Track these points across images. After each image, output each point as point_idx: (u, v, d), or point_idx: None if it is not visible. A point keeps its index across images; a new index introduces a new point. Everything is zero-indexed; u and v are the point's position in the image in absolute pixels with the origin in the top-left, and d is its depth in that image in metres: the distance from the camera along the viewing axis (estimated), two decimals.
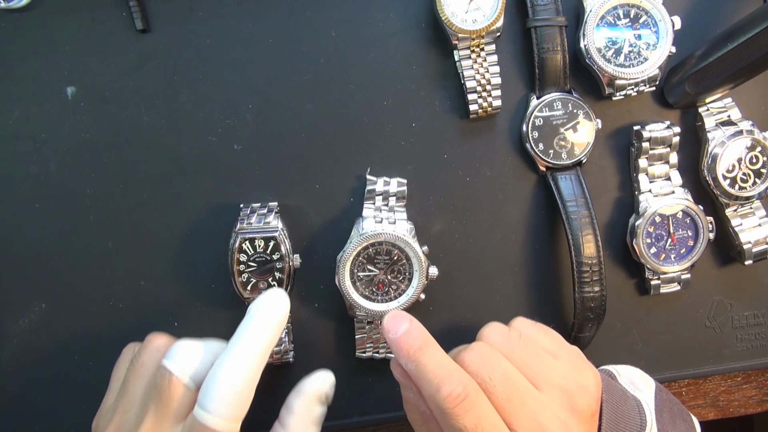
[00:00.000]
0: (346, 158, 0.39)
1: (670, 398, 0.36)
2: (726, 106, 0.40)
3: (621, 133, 0.41)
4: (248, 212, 0.37)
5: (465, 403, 0.28)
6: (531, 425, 0.29)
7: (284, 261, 0.37)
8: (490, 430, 0.28)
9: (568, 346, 0.33)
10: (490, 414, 0.28)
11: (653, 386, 0.36)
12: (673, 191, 0.40)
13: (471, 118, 0.39)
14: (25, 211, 0.39)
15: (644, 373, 0.37)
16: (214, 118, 0.39)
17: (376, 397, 0.41)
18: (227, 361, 0.30)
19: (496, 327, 0.33)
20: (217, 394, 0.29)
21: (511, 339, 0.32)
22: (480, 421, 0.28)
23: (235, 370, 0.30)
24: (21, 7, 0.37)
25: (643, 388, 0.36)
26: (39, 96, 0.38)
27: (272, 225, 0.36)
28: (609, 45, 0.38)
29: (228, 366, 0.30)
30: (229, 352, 0.30)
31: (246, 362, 0.30)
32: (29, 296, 0.39)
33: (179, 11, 0.38)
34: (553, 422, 0.29)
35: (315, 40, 0.39)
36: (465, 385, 0.28)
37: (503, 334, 0.32)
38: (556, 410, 0.30)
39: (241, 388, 0.30)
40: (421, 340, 0.30)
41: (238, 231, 0.36)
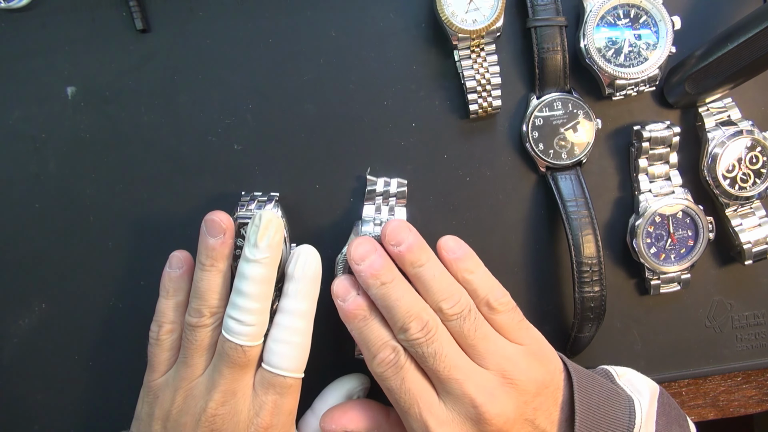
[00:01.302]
0: (346, 158, 0.39)
1: (671, 403, 0.36)
2: (726, 106, 0.40)
3: (621, 133, 0.41)
4: (248, 199, 0.37)
5: (391, 368, 0.33)
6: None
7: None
8: (414, 392, 0.33)
9: (534, 335, 0.35)
10: (414, 378, 0.33)
11: (656, 391, 0.36)
12: (673, 191, 0.40)
13: (471, 118, 0.39)
14: (25, 211, 0.39)
15: (648, 378, 0.37)
16: (214, 118, 0.39)
17: (376, 397, 0.41)
18: (286, 321, 0.34)
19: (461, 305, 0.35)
20: (282, 353, 0.34)
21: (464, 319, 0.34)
22: (404, 384, 0.33)
23: (295, 331, 0.34)
24: (21, 7, 0.37)
25: (644, 391, 0.36)
26: (39, 96, 0.38)
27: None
28: (609, 45, 0.38)
29: (288, 327, 0.34)
30: (287, 316, 0.34)
31: (302, 322, 0.34)
32: (29, 296, 0.39)
33: (179, 11, 0.38)
34: (481, 393, 0.32)
35: (315, 40, 0.39)
36: (396, 351, 0.33)
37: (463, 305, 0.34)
38: (486, 383, 0.32)
39: (301, 343, 0.34)
40: (366, 309, 0.34)
41: (237, 216, 0.36)
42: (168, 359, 0.35)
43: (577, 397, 0.33)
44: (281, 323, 0.34)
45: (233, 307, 0.33)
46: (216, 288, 0.34)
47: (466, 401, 0.32)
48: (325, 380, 0.40)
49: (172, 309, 0.35)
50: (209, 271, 0.34)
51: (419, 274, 0.33)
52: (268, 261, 0.33)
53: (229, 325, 0.33)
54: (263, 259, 0.33)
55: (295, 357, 0.34)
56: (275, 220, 0.33)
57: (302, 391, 0.36)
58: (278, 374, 0.34)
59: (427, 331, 0.32)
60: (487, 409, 0.31)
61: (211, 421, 0.33)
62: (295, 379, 0.34)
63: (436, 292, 0.33)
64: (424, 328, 0.32)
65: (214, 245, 0.34)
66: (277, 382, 0.34)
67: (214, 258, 0.34)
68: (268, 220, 0.33)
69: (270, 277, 0.34)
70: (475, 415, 0.32)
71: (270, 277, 0.34)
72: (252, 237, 0.33)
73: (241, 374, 0.34)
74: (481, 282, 0.35)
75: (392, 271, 0.33)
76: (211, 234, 0.34)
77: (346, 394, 0.38)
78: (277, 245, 0.34)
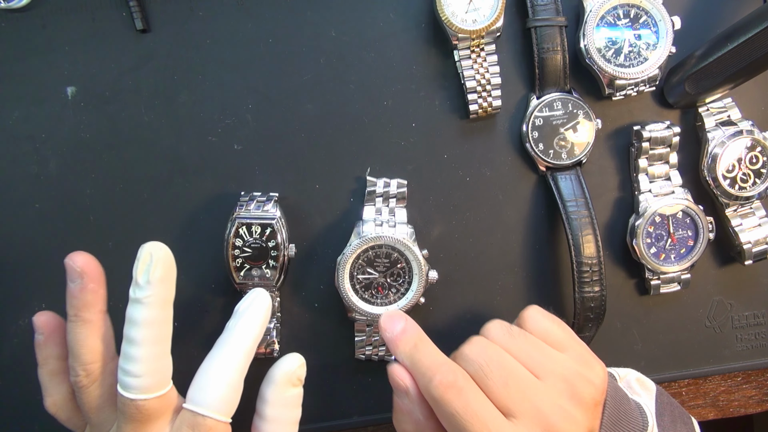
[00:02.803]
0: (346, 158, 0.39)
1: (671, 401, 0.36)
2: (726, 106, 0.40)
3: (621, 133, 0.41)
4: (247, 199, 0.37)
5: (454, 389, 0.29)
6: (529, 410, 0.29)
7: (279, 249, 0.36)
8: (481, 414, 0.28)
9: (576, 340, 0.33)
10: (479, 399, 0.29)
11: (653, 390, 0.36)
12: (673, 191, 0.40)
13: (471, 118, 0.39)
14: (25, 211, 0.39)
15: (643, 377, 0.37)
16: (214, 118, 0.39)
17: (376, 397, 0.41)
18: (220, 356, 0.31)
19: (497, 323, 0.33)
20: (210, 389, 0.30)
21: (511, 332, 0.32)
22: (469, 404, 0.29)
23: (228, 366, 0.30)
24: (21, 7, 0.37)
25: (642, 392, 0.36)
26: (39, 96, 0.38)
27: (270, 213, 0.36)
28: (609, 45, 0.38)
29: (220, 361, 0.30)
30: (220, 349, 0.31)
31: (237, 358, 0.31)
32: (29, 296, 0.39)
33: (179, 11, 0.38)
34: (553, 408, 0.29)
35: (315, 40, 0.39)
36: (455, 372, 0.30)
37: (503, 328, 0.32)
38: (555, 397, 0.30)
39: (233, 382, 0.30)
40: (416, 338, 0.32)
41: (236, 216, 0.36)
42: (77, 424, 0.33)
43: (608, 394, 0.32)
44: (214, 355, 0.31)
45: (123, 357, 0.29)
46: (85, 342, 0.30)
47: (539, 419, 0.29)
48: (326, 382, 0.40)
49: (47, 379, 0.32)
50: (74, 322, 0.30)
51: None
52: (153, 300, 0.29)
53: (120, 379, 0.29)
54: (146, 298, 0.29)
55: (223, 396, 0.30)
56: (158, 252, 0.29)
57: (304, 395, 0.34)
58: (199, 413, 0.29)
59: (453, 387, 0.29)
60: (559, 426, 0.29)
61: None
62: (220, 423, 0.30)
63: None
64: (452, 385, 0.30)
65: (73, 292, 0.30)
66: (198, 423, 0.29)
67: (76, 308, 0.30)
68: (147, 253, 0.29)
69: (160, 318, 0.29)
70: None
71: (160, 318, 0.29)
72: (134, 273, 0.29)
73: (148, 427, 0.30)
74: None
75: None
76: (70, 279, 0.30)
77: (285, 382, 0.33)
78: (161, 280, 0.29)
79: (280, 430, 0.33)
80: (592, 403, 0.30)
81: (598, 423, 0.31)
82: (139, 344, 0.29)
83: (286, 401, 0.33)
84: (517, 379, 0.30)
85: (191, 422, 0.29)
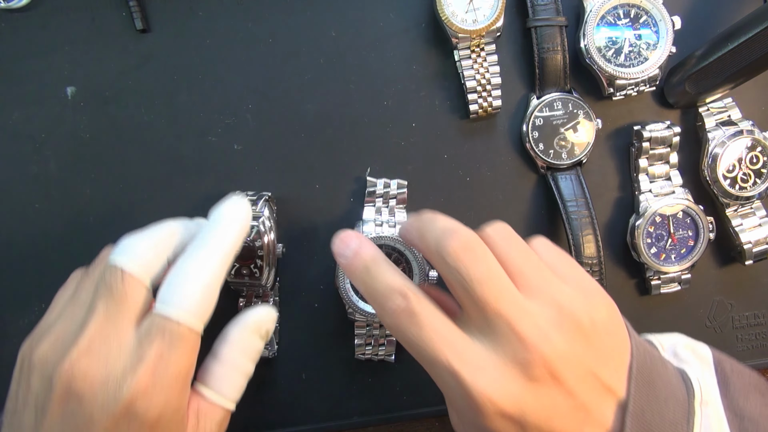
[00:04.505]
0: (346, 158, 0.39)
1: (741, 369, 0.29)
2: (726, 106, 0.40)
3: (621, 133, 0.41)
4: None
5: (405, 314, 0.26)
6: (502, 327, 0.25)
7: (265, 249, 0.36)
8: (440, 335, 0.26)
9: (586, 276, 0.28)
10: (435, 321, 0.26)
11: (709, 357, 0.30)
12: (673, 191, 0.40)
13: (471, 118, 0.39)
14: (25, 211, 0.39)
15: (695, 342, 0.30)
16: (214, 118, 0.39)
17: (376, 397, 0.41)
18: (194, 255, 0.28)
19: (500, 225, 0.29)
20: (183, 288, 0.27)
21: (511, 241, 0.28)
22: (423, 329, 0.26)
23: (203, 266, 0.27)
24: (21, 7, 0.37)
25: (692, 360, 0.29)
26: (39, 96, 0.38)
27: (256, 212, 0.36)
28: (609, 45, 0.38)
29: (195, 260, 0.28)
30: (195, 248, 0.28)
31: (213, 259, 0.28)
32: (29, 296, 0.39)
33: (179, 11, 0.38)
34: (532, 331, 0.25)
35: (315, 40, 0.39)
36: (406, 296, 0.26)
37: (505, 232, 0.28)
38: (539, 320, 0.26)
39: (208, 284, 0.27)
40: (367, 260, 0.28)
41: None
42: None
43: (635, 352, 0.27)
44: (190, 255, 0.28)
45: (136, 234, 0.29)
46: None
47: (513, 340, 0.25)
48: (325, 381, 0.40)
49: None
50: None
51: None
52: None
53: (118, 246, 0.28)
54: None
55: (195, 298, 0.27)
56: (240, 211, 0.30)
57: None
58: (169, 317, 0.26)
59: (471, 249, 0.26)
60: (539, 345, 0.25)
61: (68, 374, 0.25)
62: (191, 331, 0.27)
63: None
64: (470, 247, 0.26)
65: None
66: (167, 327, 0.26)
67: None
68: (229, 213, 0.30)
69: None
70: (524, 358, 0.25)
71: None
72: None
73: (118, 314, 0.26)
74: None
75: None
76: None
77: (252, 327, 0.31)
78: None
79: (231, 375, 0.29)
80: (582, 334, 0.26)
81: (612, 375, 0.26)
82: (163, 227, 0.29)
83: (245, 348, 0.30)
84: (497, 292, 0.26)
85: (160, 326, 0.26)
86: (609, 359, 0.26)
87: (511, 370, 0.25)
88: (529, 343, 0.25)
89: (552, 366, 0.25)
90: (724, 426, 0.26)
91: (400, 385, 0.41)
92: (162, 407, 0.25)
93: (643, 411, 0.25)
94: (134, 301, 0.27)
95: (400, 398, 0.41)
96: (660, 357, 0.28)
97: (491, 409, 0.25)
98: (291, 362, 0.40)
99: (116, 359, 0.25)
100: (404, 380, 0.41)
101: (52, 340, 0.26)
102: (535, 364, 0.25)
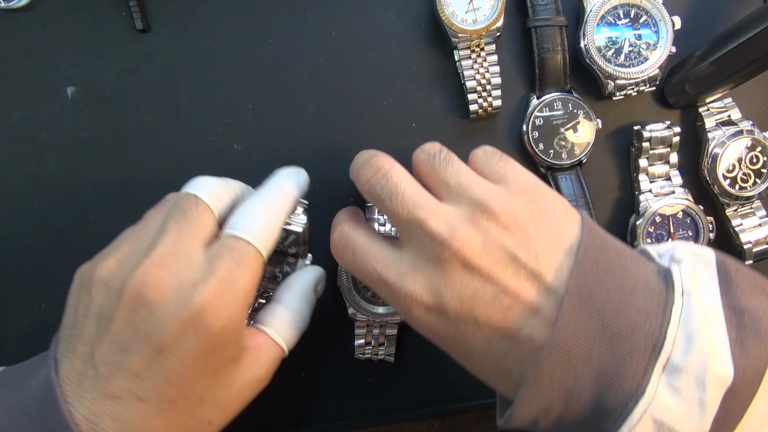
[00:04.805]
0: (346, 158, 0.39)
1: (748, 271, 0.27)
2: (726, 106, 0.40)
3: (621, 133, 0.41)
4: None
5: (339, 245, 0.30)
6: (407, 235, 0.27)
7: (297, 257, 0.36)
8: (369, 258, 0.28)
9: (521, 173, 0.28)
10: (365, 245, 0.29)
11: (712, 256, 0.27)
12: (673, 191, 0.40)
13: (471, 118, 0.39)
14: (25, 211, 0.38)
15: (701, 246, 0.27)
16: (214, 118, 0.39)
17: (376, 397, 0.41)
18: (260, 194, 0.30)
19: (428, 145, 0.30)
20: (251, 217, 0.29)
21: (435, 156, 0.29)
22: (357, 255, 0.29)
23: (268, 202, 0.30)
24: (21, 7, 0.37)
25: (686, 258, 0.26)
26: (39, 96, 0.38)
27: (299, 220, 0.35)
28: (609, 45, 0.38)
29: (261, 197, 0.30)
30: (265, 189, 0.31)
31: (281, 197, 0.30)
32: (29, 296, 0.39)
33: (179, 11, 0.38)
34: (442, 227, 0.26)
35: (315, 40, 0.39)
36: (341, 228, 0.30)
37: (432, 150, 0.30)
38: (449, 217, 0.26)
39: (273, 218, 0.29)
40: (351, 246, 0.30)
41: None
42: None
43: (584, 240, 0.26)
44: (259, 193, 0.30)
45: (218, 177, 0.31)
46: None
47: (426, 240, 0.26)
48: (326, 382, 0.40)
49: None
50: None
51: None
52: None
53: (190, 182, 0.30)
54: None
55: (262, 226, 0.28)
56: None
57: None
58: (241, 237, 0.28)
59: (378, 170, 0.28)
60: (448, 238, 0.25)
61: (140, 282, 0.25)
62: (258, 254, 0.28)
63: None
64: (376, 168, 0.29)
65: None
66: (238, 247, 0.27)
67: None
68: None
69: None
70: (436, 253, 0.26)
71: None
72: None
73: (190, 234, 0.27)
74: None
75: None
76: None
77: (313, 281, 0.33)
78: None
79: (291, 319, 0.31)
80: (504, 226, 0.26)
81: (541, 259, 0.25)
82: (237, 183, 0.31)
83: (306, 297, 0.33)
84: (410, 198, 0.27)
85: (231, 245, 0.27)
86: (537, 245, 0.26)
87: (426, 267, 0.26)
88: (439, 239, 0.26)
89: (462, 255, 0.25)
90: (716, 319, 0.24)
91: (400, 385, 0.41)
92: (227, 320, 0.26)
93: (590, 294, 0.24)
94: (206, 225, 0.28)
95: (400, 398, 0.41)
96: (629, 251, 0.27)
97: (415, 306, 0.26)
98: (291, 362, 0.40)
99: (187, 272, 0.26)
100: (404, 380, 0.41)
101: (119, 257, 0.27)
102: (447, 257, 0.25)
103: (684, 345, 0.23)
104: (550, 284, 0.25)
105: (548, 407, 0.25)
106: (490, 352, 0.26)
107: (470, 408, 0.41)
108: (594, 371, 0.24)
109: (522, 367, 0.25)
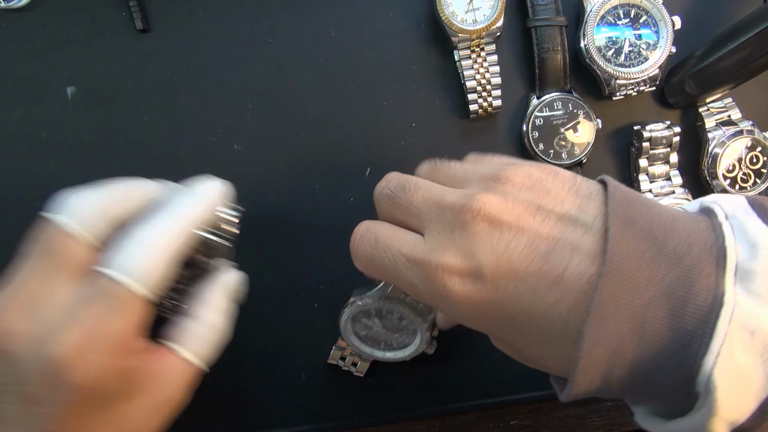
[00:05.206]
0: (346, 158, 0.39)
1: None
2: (726, 106, 0.40)
3: (621, 133, 0.41)
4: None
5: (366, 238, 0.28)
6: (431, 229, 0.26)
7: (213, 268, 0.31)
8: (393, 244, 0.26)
9: (525, 161, 0.27)
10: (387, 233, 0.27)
11: (742, 198, 0.25)
12: (673, 191, 0.40)
13: (471, 118, 0.39)
14: (25, 211, 0.38)
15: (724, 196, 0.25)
16: (214, 118, 0.39)
17: (376, 397, 0.41)
18: (149, 218, 0.26)
19: (424, 163, 0.31)
20: (128, 249, 0.24)
21: (436, 167, 0.30)
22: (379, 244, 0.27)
23: (156, 229, 0.25)
24: (21, 7, 0.37)
25: (716, 199, 0.25)
26: (39, 96, 0.38)
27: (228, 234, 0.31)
28: (609, 45, 0.38)
29: (148, 222, 0.25)
30: (152, 211, 0.26)
31: (169, 223, 0.26)
32: None
33: (179, 11, 0.38)
34: (458, 197, 0.25)
35: (315, 40, 0.39)
36: (361, 226, 0.29)
37: (429, 165, 0.30)
38: (465, 189, 0.26)
39: (161, 249, 0.25)
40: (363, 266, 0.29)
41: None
42: None
43: (611, 190, 0.24)
44: (144, 215, 0.26)
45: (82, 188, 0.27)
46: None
47: (445, 214, 0.25)
48: (326, 382, 0.40)
49: None
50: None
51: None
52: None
53: (56, 201, 0.26)
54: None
55: (142, 261, 0.24)
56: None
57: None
58: (115, 279, 0.24)
59: (389, 179, 0.29)
60: (467, 203, 0.24)
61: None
62: (134, 295, 0.24)
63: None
64: (388, 178, 0.29)
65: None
66: (112, 290, 0.24)
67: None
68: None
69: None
70: (459, 221, 0.24)
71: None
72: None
73: (51, 271, 0.24)
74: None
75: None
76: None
77: (228, 289, 0.31)
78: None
79: (205, 334, 0.29)
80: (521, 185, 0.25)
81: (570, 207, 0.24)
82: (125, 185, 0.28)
83: (221, 308, 0.30)
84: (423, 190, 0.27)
85: (103, 287, 0.24)
86: (558, 193, 0.25)
87: (452, 236, 0.25)
88: (458, 206, 0.25)
89: (486, 213, 0.24)
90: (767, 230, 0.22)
91: (400, 385, 0.41)
92: (95, 373, 0.23)
93: (633, 220, 0.23)
94: (72, 257, 0.25)
95: (400, 398, 0.41)
96: (654, 202, 0.25)
97: (449, 278, 0.24)
98: (291, 362, 0.40)
99: (48, 316, 0.23)
100: (404, 380, 0.41)
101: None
102: (470, 219, 0.24)
103: (748, 251, 0.22)
104: (585, 221, 0.23)
105: (620, 347, 0.21)
106: (539, 307, 0.23)
107: (470, 408, 0.41)
108: (661, 291, 0.21)
109: (579, 312, 0.22)
